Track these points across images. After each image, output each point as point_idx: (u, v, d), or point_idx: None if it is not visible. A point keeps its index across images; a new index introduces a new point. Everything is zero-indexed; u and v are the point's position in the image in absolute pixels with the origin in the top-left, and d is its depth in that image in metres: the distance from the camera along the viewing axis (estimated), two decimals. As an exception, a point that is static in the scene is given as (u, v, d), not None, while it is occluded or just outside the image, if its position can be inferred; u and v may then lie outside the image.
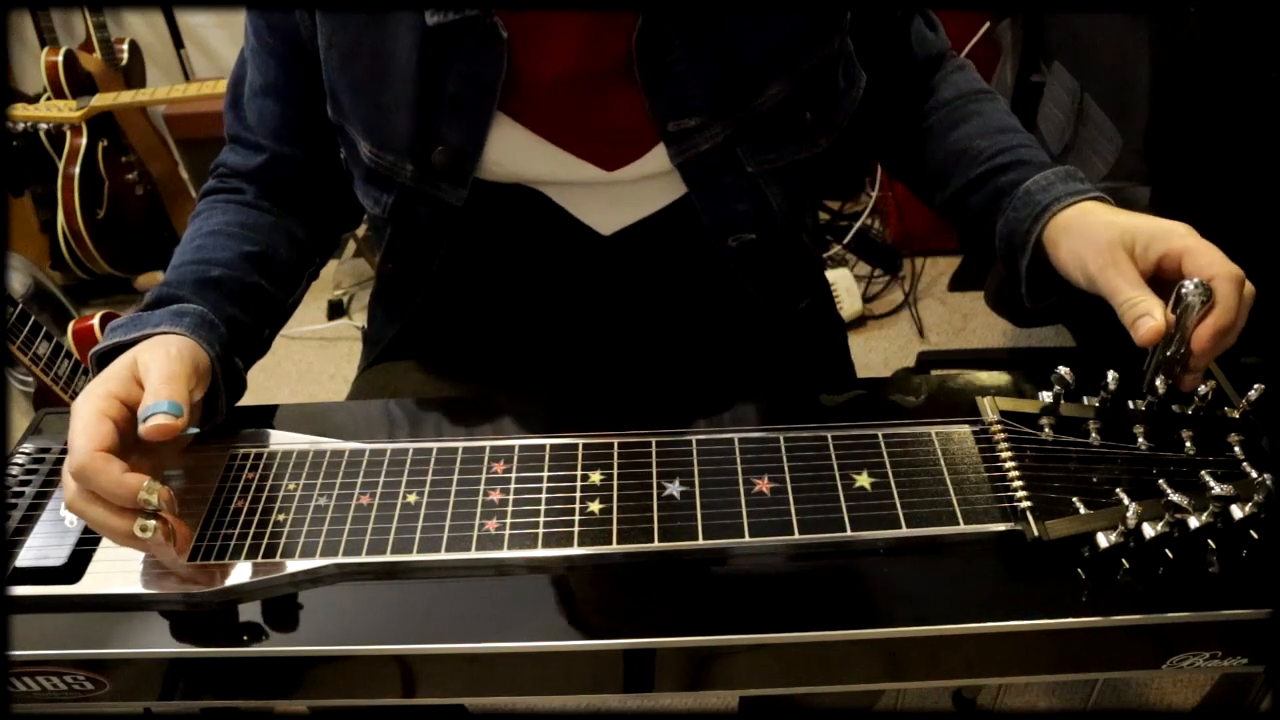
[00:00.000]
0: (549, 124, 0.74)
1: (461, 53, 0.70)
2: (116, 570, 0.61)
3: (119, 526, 0.57)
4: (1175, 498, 0.58)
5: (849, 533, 0.61)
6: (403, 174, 0.76)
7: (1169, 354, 0.63)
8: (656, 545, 0.61)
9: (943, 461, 0.65)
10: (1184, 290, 0.61)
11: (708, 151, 0.75)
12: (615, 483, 0.64)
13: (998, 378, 0.73)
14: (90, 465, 0.56)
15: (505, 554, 0.61)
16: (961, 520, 0.61)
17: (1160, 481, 0.61)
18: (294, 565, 0.61)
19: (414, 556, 0.61)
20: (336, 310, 2.25)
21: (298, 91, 0.78)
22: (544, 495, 0.64)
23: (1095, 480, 0.62)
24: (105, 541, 0.63)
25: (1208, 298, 0.60)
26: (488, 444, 0.68)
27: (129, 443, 0.60)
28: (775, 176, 0.79)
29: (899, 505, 0.62)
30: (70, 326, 1.66)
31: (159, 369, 0.60)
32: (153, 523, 0.56)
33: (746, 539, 0.61)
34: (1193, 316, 0.61)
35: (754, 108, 0.74)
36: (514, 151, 0.75)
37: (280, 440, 0.69)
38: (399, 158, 0.75)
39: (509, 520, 0.62)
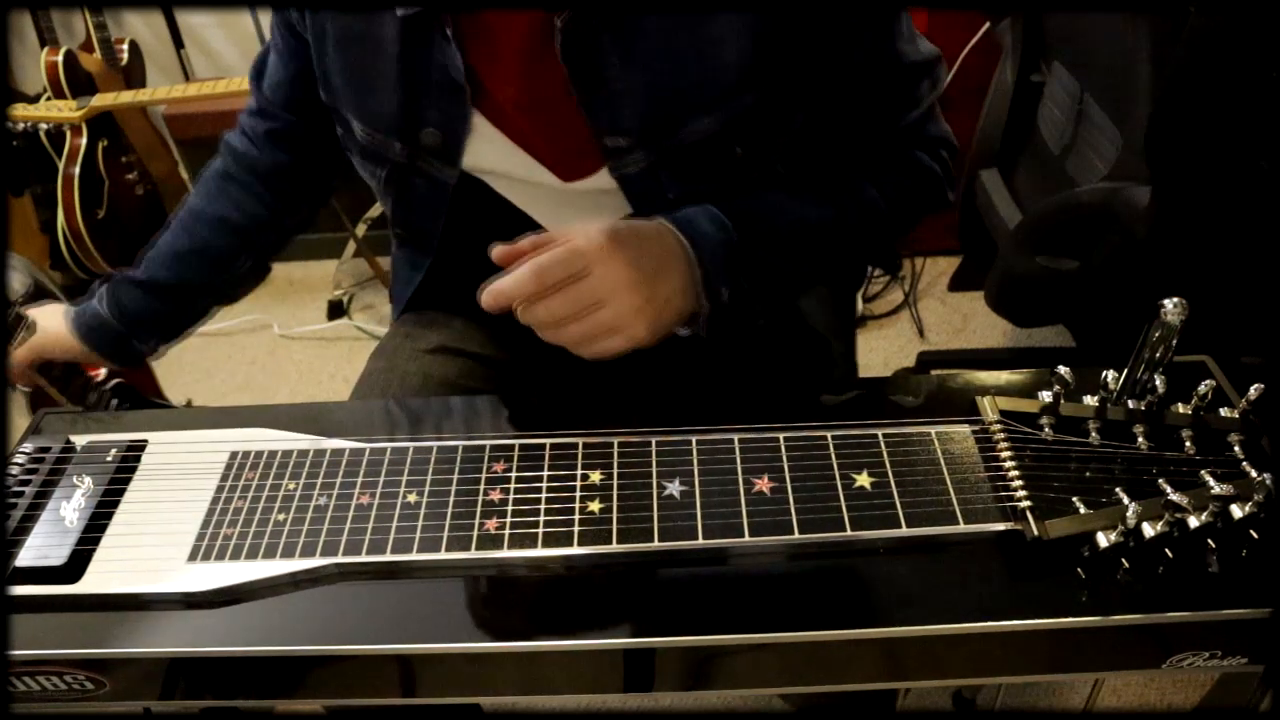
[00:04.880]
0: (515, 128, 0.77)
1: (433, 45, 0.74)
2: (116, 570, 0.61)
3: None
4: (1175, 497, 0.58)
5: (849, 532, 0.61)
6: (392, 151, 0.80)
7: (1156, 357, 0.63)
8: (656, 545, 0.61)
9: (942, 461, 0.65)
10: (1164, 309, 0.61)
11: (635, 174, 0.77)
12: (615, 482, 0.64)
13: (998, 378, 0.73)
14: None
15: (505, 554, 0.61)
16: (961, 520, 0.61)
17: (1160, 481, 0.61)
18: (294, 565, 0.61)
19: (414, 556, 0.61)
20: (336, 310, 2.25)
21: (296, 61, 0.85)
22: (544, 495, 0.64)
23: (1095, 480, 0.62)
24: (105, 541, 0.63)
25: (1187, 315, 0.61)
26: (488, 444, 0.68)
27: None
28: (701, 201, 0.76)
29: (899, 505, 0.62)
30: None
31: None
32: None
33: (746, 539, 0.61)
34: (1174, 333, 0.61)
35: (679, 138, 0.75)
36: (486, 148, 0.79)
37: (280, 440, 0.69)
38: (387, 136, 0.80)
39: (509, 520, 0.62)
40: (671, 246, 0.71)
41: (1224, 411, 0.64)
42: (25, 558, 0.62)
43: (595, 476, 0.65)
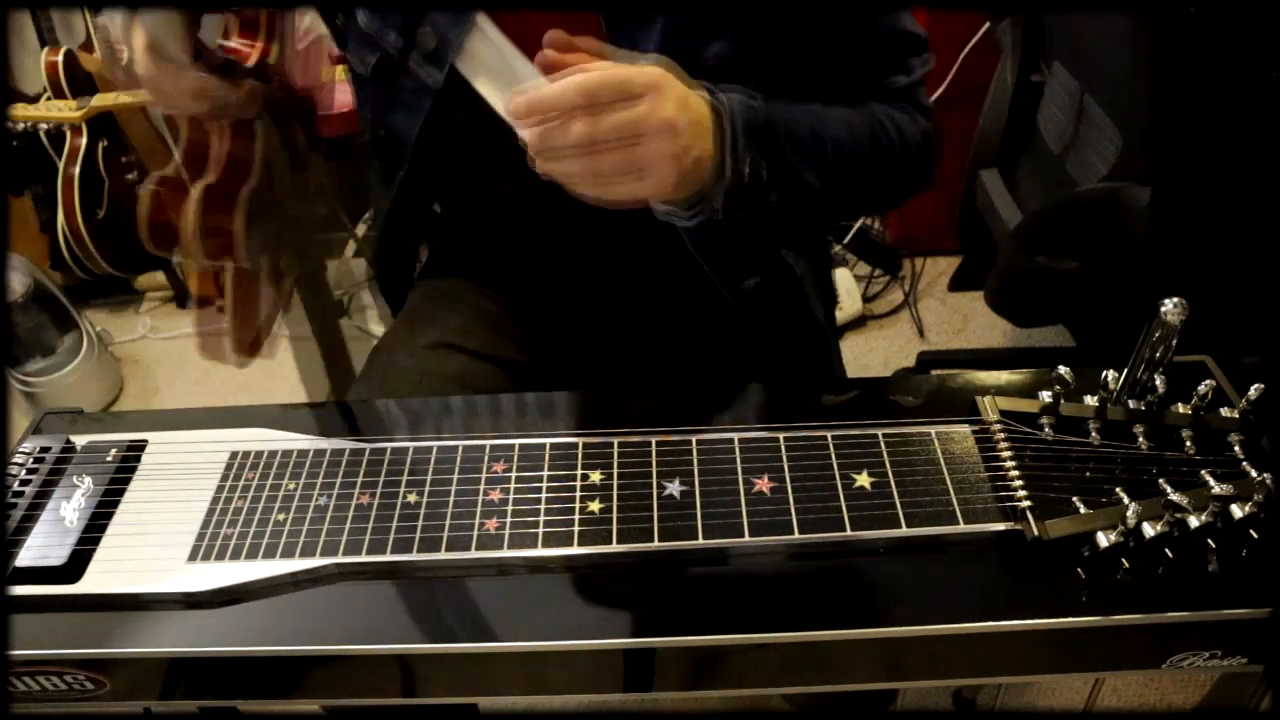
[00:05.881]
0: (522, 32, 0.77)
1: None
2: (116, 570, 0.61)
3: None
4: (1175, 497, 0.58)
5: (849, 532, 0.61)
6: (387, 41, 0.81)
7: (1156, 357, 0.63)
8: (656, 545, 0.61)
9: (942, 461, 0.65)
10: (1164, 309, 0.61)
11: None
12: (615, 482, 0.64)
13: (998, 378, 0.73)
14: None
15: (505, 554, 0.61)
16: (961, 520, 0.61)
17: (1160, 481, 0.61)
18: (294, 565, 0.61)
19: (414, 556, 0.61)
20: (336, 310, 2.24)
21: None
22: (544, 495, 0.64)
23: (1095, 480, 0.62)
24: (105, 541, 0.63)
25: (1187, 315, 0.61)
26: (488, 443, 0.68)
27: None
28: None
29: (899, 505, 0.62)
30: None
31: None
32: None
33: (746, 539, 0.61)
34: (1174, 333, 0.62)
35: (696, 65, 0.75)
36: (486, 50, 0.78)
37: (280, 440, 0.69)
38: (386, 24, 0.81)
39: (509, 520, 0.62)
40: (707, 109, 0.71)
41: (1224, 411, 0.65)
42: (25, 558, 0.62)
43: (595, 476, 0.65)
